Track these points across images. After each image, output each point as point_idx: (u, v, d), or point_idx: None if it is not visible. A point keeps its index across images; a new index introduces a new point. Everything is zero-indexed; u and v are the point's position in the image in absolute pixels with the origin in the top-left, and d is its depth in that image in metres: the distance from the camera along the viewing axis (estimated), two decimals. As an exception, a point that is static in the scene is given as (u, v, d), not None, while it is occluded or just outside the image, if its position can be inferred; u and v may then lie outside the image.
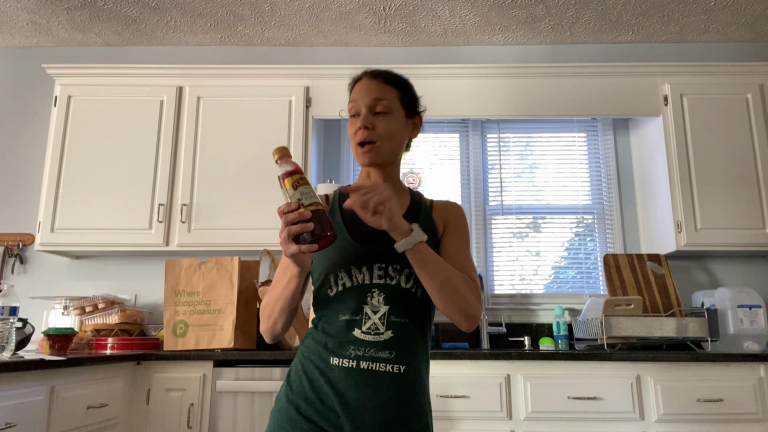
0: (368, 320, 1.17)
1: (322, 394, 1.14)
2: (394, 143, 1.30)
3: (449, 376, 2.25)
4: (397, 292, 1.18)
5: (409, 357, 1.16)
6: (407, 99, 1.35)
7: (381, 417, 1.11)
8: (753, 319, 2.59)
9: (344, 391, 1.12)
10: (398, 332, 1.16)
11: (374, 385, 1.13)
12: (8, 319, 1.83)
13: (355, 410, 1.11)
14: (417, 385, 1.17)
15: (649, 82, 2.91)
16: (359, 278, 1.19)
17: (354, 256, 1.20)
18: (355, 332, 1.16)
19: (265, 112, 2.87)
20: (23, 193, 3.15)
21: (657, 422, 2.20)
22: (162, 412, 2.25)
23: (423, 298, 1.20)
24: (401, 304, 1.18)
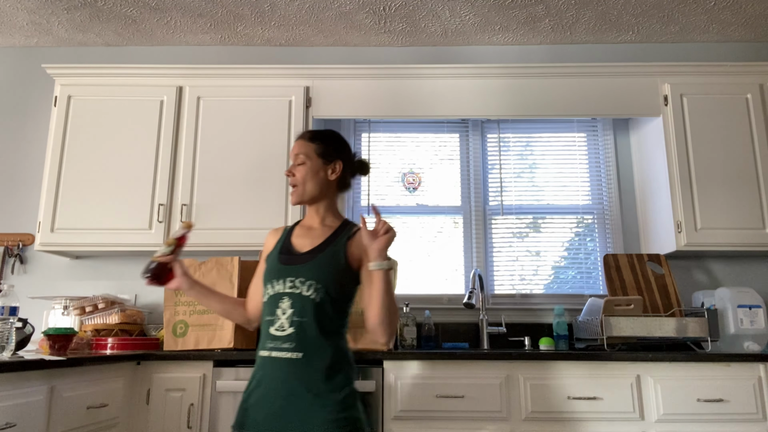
0: (278, 320, 1.60)
1: (256, 376, 1.61)
2: (312, 185, 1.72)
3: (449, 377, 2.25)
4: (300, 298, 1.60)
5: (307, 346, 1.57)
6: (322, 149, 1.75)
7: (285, 389, 1.53)
8: (753, 319, 2.59)
9: (264, 373, 1.58)
10: (298, 328, 1.58)
11: (281, 368, 1.56)
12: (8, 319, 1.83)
13: (269, 386, 1.56)
14: (317, 367, 1.55)
15: (649, 82, 2.91)
16: (277, 288, 1.63)
17: (277, 272, 1.65)
18: (270, 330, 1.61)
19: (265, 112, 2.87)
20: (23, 193, 3.15)
21: (657, 422, 2.20)
22: (162, 412, 2.25)
23: (321, 303, 1.60)
24: (302, 307, 1.59)
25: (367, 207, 3.18)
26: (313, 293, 1.59)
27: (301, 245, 1.69)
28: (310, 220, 1.76)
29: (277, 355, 1.56)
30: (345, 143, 1.81)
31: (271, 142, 2.84)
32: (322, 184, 1.73)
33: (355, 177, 1.84)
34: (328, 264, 1.62)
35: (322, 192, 1.74)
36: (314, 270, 1.61)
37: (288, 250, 1.69)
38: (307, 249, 1.67)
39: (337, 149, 1.77)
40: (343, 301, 1.66)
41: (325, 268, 1.62)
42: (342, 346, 1.63)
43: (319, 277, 1.60)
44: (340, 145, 1.79)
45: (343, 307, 1.66)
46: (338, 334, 1.63)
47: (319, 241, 1.68)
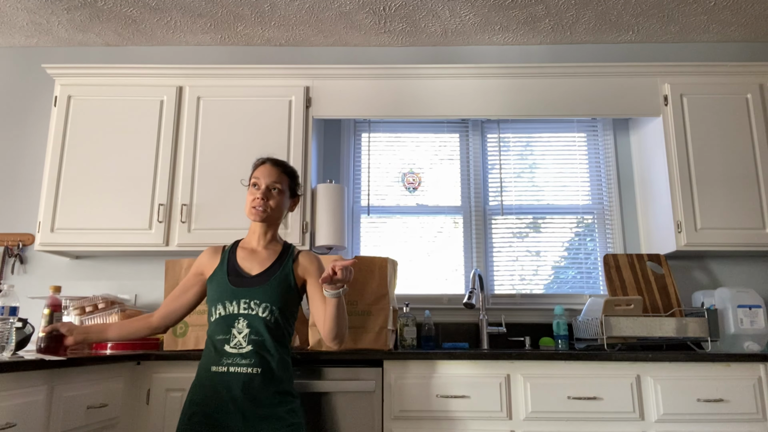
0: (234, 338, 1.75)
1: (206, 391, 1.73)
2: (278, 213, 1.92)
3: (449, 376, 2.25)
4: (255, 318, 1.77)
5: (265, 362, 1.74)
6: (293, 185, 1.98)
7: (243, 402, 1.69)
8: (753, 319, 2.59)
9: (217, 388, 1.71)
10: (256, 345, 1.74)
11: (239, 382, 1.71)
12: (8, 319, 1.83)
13: (225, 399, 1.70)
14: (273, 382, 1.74)
15: (649, 82, 2.91)
16: (230, 309, 1.78)
17: (229, 293, 1.80)
18: (225, 347, 1.75)
19: (265, 112, 2.87)
20: (23, 193, 3.15)
21: (657, 422, 2.20)
22: (162, 412, 2.25)
23: (275, 322, 1.78)
24: (258, 327, 1.76)
25: (367, 207, 3.18)
26: (268, 314, 1.78)
27: (249, 268, 1.86)
28: (253, 243, 1.92)
29: (236, 370, 1.72)
30: (297, 175, 2.05)
31: (271, 142, 2.83)
32: (282, 214, 1.95)
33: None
34: (279, 287, 1.81)
35: (279, 220, 1.96)
36: (268, 293, 1.80)
37: (237, 272, 1.85)
38: (256, 272, 1.85)
39: (298, 187, 2.03)
40: (291, 318, 1.86)
41: (277, 291, 1.81)
42: (288, 360, 1.83)
43: (272, 299, 1.79)
44: (299, 184, 2.05)
45: (291, 323, 1.86)
46: (288, 348, 1.84)
47: (267, 264, 1.86)
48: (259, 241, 1.92)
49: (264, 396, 1.72)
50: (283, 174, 1.95)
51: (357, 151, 3.28)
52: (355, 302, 2.35)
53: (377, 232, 3.17)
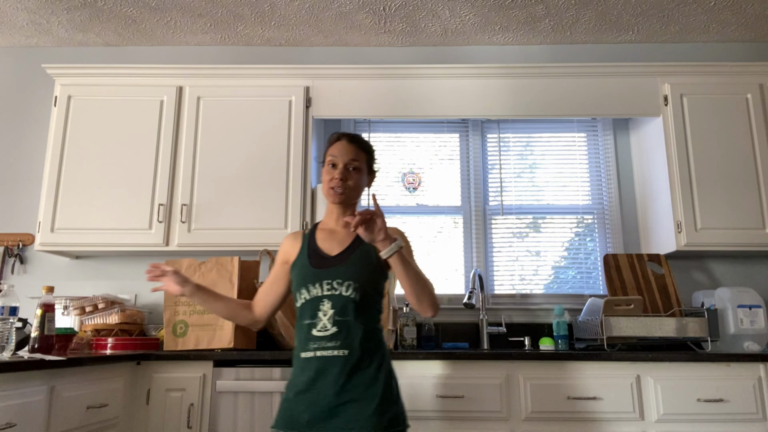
0: (320, 321, 1.66)
1: (299, 377, 1.65)
2: (357, 192, 1.80)
3: (449, 376, 2.25)
4: (340, 298, 1.66)
5: (351, 343, 1.62)
6: (370, 161, 1.85)
7: (332, 386, 1.59)
8: (753, 319, 2.59)
9: (309, 373, 1.63)
10: (341, 327, 1.63)
11: (327, 365, 1.61)
12: (8, 319, 1.83)
13: (315, 384, 1.61)
14: (362, 363, 1.62)
15: (649, 82, 2.91)
16: (314, 292, 1.68)
17: (312, 276, 1.70)
18: (312, 332, 1.65)
19: (265, 112, 2.87)
20: (23, 193, 3.15)
21: (657, 422, 2.20)
22: (162, 412, 2.25)
23: (360, 300, 1.66)
24: (343, 307, 1.65)
25: (367, 207, 3.18)
26: (353, 292, 1.66)
27: (329, 249, 1.75)
28: (331, 223, 1.82)
29: (323, 354, 1.62)
30: (372, 149, 1.90)
31: (271, 142, 2.84)
32: (361, 192, 1.83)
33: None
34: (361, 263, 1.70)
35: (358, 199, 1.84)
36: (350, 270, 1.69)
37: (318, 255, 1.75)
38: (337, 252, 1.74)
39: (375, 163, 1.89)
40: (378, 295, 1.74)
41: (360, 268, 1.69)
42: (380, 340, 1.70)
43: (355, 277, 1.67)
44: (376, 160, 1.91)
45: (378, 301, 1.74)
46: (377, 328, 1.71)
47: (347, 243, 1.75)
48: (338, 221, 1.80)
49: (353, 379, 1.61)
50: (361, 150, 1.80)
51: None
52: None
53: (377, 232, 3.17)
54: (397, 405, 1.63)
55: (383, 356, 1.68)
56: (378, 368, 1.64)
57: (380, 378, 1.63)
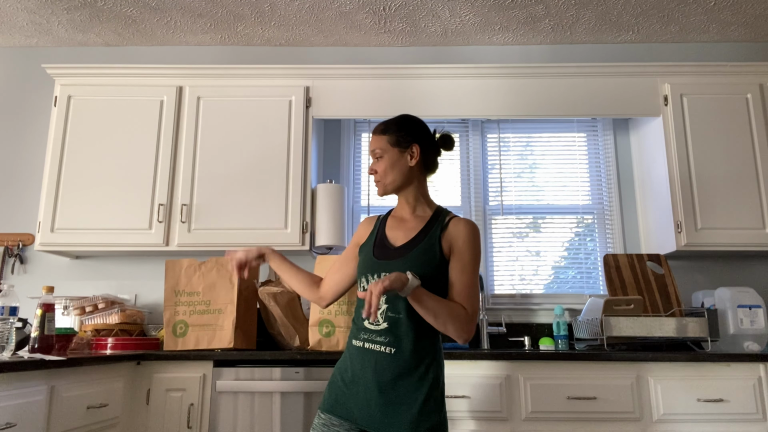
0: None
1: (347, 363, 1.63)
2: (393, 175, 1.70)
3: (449, 376, 2.25)
4: (394, 295, 1.58)
5: (400, 342, 1.56)
6: (395, 138, 1.70)
7: (375, 381, 1.55)
8: (753, 319, 2.59)
9: (355, 362, 1.60)
10: (392, 324, 1.57)
11: (372, 359, 1.57)
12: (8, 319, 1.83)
13: (359, 375, 1.58)
14: (408, 364, 1.54)
15: (649, 82, 2.91)
16: (372, 282, 1.54)
17: (372, 266, 1.64)
18: (365, 322, 1.62)
19: (265, 112, 2.87)
20: (23, 193, 3.15)
21: (657, 422, 2.20)
22: (162, 412, 2.25)
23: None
24: (396, 304, 1.58)
25: (367, 207, 3.18)
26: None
27: (395, 238, 1.67)
28: (401, 211, 1.73)
29: (370, 347, 1.58)
30: (418, 125, 1.74)
31: (271, 142, 2.84)
32: (404, 172, 1.69)
33: (440, 154, 1.78)
34: (422, 259, 1.59)
35: (406, 180, 1.70)
36: (408, 265, 1.58)
37: (383, 244, 1.68)
38: (400, 243, 1.65)
39: (410, 133, 1.72)
40: (439, 293, 1.60)
41: (419, 264, 1.58)
42: (434, 344, 1.60)
43: (413, 272, 1.54)
44: (413, 128, 1.73)
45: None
46: (431, 331, 1.59)
47: (412, 234, 1.65)
48: (405, 208, 1.72)
49: (397, 379, 1.53)
50: (381, 135, 1.71)
51: (357, 151, 3.28)
52: (355, 302, 2.35)
53: (377, 232, 3.17)
54: (438, 414, 1.53)
55: (433, 360, 1.58)
56: (424, 373, 1.55)
57: (425, 384, 1.54)
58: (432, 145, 1.75)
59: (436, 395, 1.54)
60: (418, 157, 1.70)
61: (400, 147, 1.70)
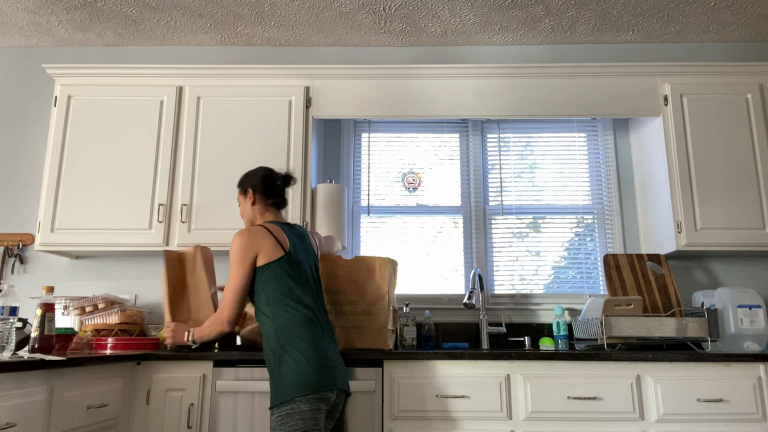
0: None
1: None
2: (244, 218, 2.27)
3: (449, 376, 2.25)
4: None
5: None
6: (240, 189, 2.27)
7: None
8: (753, 319, 2.59)
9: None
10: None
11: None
12: (8, 319, 1.83)
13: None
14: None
15: (649, 82, 2.91)
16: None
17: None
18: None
19: (265, 112, 2.87)
20: (23, 193, 3.15)
21: (657, 422, 2.21)
22: (162, 412, 2.25)
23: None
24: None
25: (367, 207, 3.18)
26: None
27: None
28: None
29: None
30: (247, 175, 2.24)
31: (271, 142, 2.84)
32: (246, 215, 2.23)
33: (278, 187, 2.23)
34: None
35: (246, 217, 2.23)
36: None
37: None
38: None
39: (243, 182, 2.24)
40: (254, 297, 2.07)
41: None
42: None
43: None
44: (244, 178, 2.25)
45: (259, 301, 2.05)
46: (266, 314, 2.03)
47: None
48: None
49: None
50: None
51: (357, 151, 3.28)
52: (355, 302, 2.35)
53: (377, 232, 3.17)
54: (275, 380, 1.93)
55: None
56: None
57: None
58: (261, 186, 2.22)
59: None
60: (253, 202, 2.21)
61: (242, 194, 2.25)
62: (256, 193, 2.20)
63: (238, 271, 2.01)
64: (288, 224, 2.17)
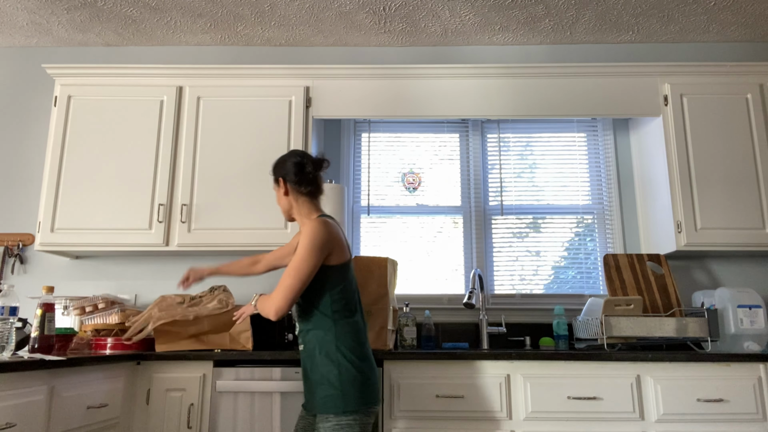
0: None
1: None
2: (283, 210, 2.08)
3: (449, 376, 2.25)
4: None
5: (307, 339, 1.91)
6: (274, 177, 2.08)
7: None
8: (753, 319, 2.59)
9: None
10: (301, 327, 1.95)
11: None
12: (8, 319, 1.83)
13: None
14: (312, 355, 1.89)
15: (649, 82, 2.91)
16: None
17: None
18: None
19: (265, 112, 2.87)
20: (23, 193, 3.15)
21: (657, 422, 2.21)
22: (162, 412, 2.25)
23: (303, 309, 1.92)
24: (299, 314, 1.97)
25: (367, 207, 3.18)
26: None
27: None
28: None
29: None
30: (278, 162, 2.07)
31: (271, 142, 2.84)
32: (285, 208, 2.05)
33: (311, 177, 2.02)
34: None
35: (290, 213, 2.06)
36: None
37: None
38: None
39: (274, 170, 2.07)
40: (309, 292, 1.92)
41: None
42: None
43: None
44: (276, 165, 2.07)
45: (311, 296, 1.94)
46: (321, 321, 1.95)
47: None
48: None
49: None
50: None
51: (357, 151, 3.28)
52: (355, 302, 2.35)
53: (377, 232, 3.17)
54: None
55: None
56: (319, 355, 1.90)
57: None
58: (294, 174, 2.02)
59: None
60: (287, 193, 2.03)
61: (275, 183, 2.07)
62: (288, 182, 2.01)
63: (309, 263, 1.83)
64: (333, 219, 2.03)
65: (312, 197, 2.01)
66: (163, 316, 2.33)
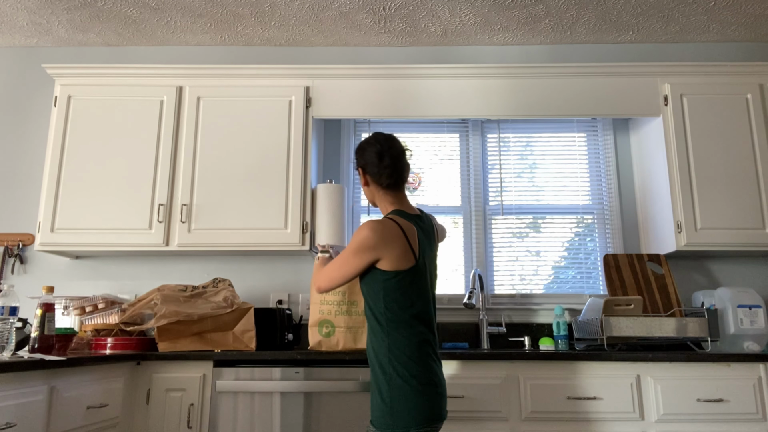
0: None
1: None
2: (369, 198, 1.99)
3: (449, 377, 2.25)
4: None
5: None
6: (355, 164, 1.97)
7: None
8: (753, 319, 2.59)
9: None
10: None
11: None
12: (8, 319, 1.83)
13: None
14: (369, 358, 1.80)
15: (649, 82, 2.91)
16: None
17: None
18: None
19: (265, 112, 2.87)
20: (23, 193, 3.15)
21: (657, 422, 2.21)
22: (162, 412, 2.25)
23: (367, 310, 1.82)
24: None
25: (367, 207, 3.18)
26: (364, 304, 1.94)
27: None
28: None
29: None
30: (359, 148, 1.93)
31: (271, 142, 2.83)
32: (369, 196, 1.96)
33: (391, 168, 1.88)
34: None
35: (374, 203, 1.96)
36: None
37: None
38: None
39: (357, 156, 1.95)
40: (369, 300, 1.82)
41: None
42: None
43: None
44: (357, 151, 1.95)
45: (374, 305, 1.81)
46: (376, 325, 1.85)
47: None
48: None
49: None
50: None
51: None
52: (355, 302, 2.35)
53: (377, 232, 3.17)
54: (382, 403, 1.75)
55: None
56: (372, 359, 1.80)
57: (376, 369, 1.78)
58: (375, 164, 1.89)
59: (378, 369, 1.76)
60: (368, 184, 1.93)
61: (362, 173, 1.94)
62: (367, 173, 1.89)
63: (352, 264, 1.77)
64: (417, 216, 1.87)
65: (392, 189, 1.88)
66: (167, 314, 2.33)
